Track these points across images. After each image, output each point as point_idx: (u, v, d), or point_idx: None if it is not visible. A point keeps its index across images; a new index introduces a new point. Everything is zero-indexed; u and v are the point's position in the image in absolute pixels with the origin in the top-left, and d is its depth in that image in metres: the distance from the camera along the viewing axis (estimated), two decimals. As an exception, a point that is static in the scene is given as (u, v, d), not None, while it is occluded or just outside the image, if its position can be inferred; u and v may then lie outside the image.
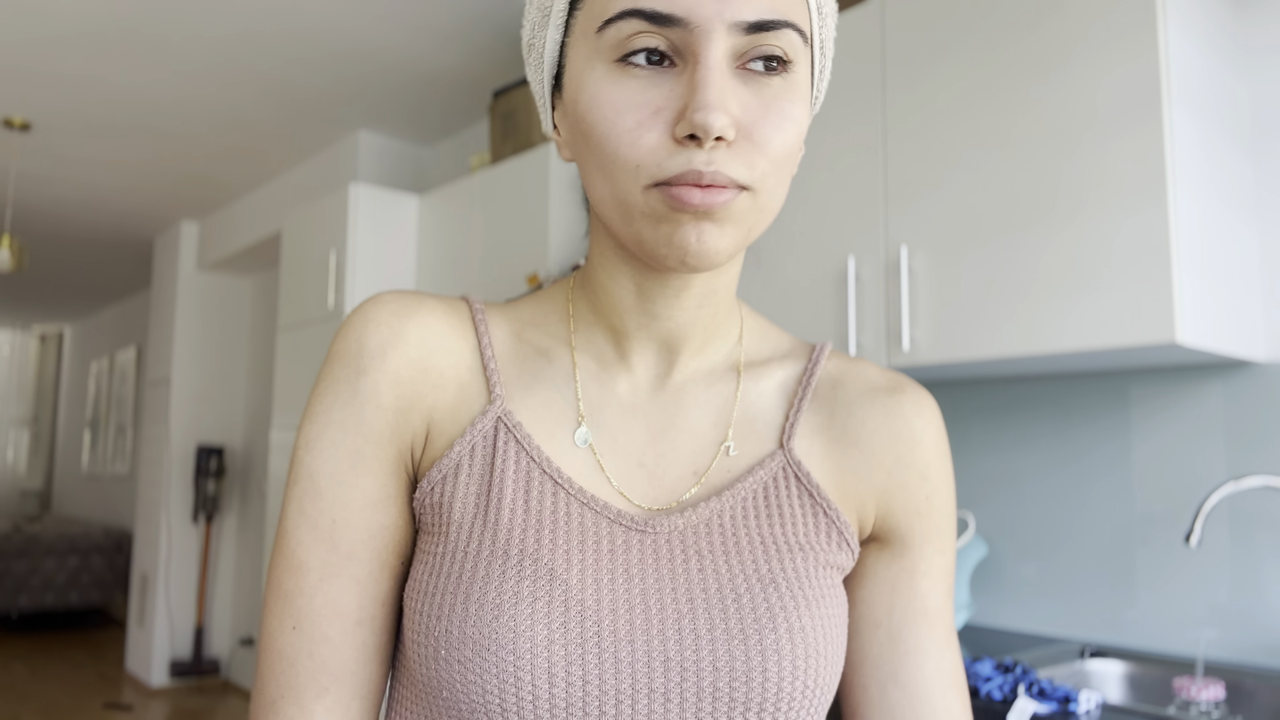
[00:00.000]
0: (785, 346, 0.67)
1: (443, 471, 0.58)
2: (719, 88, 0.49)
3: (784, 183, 0.54)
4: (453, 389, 0.60)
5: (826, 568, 0.59)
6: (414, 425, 0.59)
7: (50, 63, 3.38)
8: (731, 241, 0.52)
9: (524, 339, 0.63)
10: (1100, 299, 1.59)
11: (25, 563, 6.82)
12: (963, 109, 1.82)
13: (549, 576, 0.54)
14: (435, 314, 0.61)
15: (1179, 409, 1.83)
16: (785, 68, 0.52)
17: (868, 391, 0.64)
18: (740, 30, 0.50)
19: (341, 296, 3.40)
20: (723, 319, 0.63)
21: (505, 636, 0.52)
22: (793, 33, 0.52)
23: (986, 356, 1.75)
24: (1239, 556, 1.74)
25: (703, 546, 0.57)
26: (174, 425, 5.43)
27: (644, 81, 0.51)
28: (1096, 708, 1.40)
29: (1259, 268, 1.77)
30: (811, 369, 0.64)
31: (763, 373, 0.64)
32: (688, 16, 0.49)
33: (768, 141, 0.51)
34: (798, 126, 0.52)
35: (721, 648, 0.53)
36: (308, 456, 0.59)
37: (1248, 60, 1.81)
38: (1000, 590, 2.07)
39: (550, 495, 0.57)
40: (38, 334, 10.36)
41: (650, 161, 0.50)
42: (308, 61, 3.38)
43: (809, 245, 2.09)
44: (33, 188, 4.90)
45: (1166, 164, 1.53)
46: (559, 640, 0.53)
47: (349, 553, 0.58)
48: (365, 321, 0.59)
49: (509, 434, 0.58)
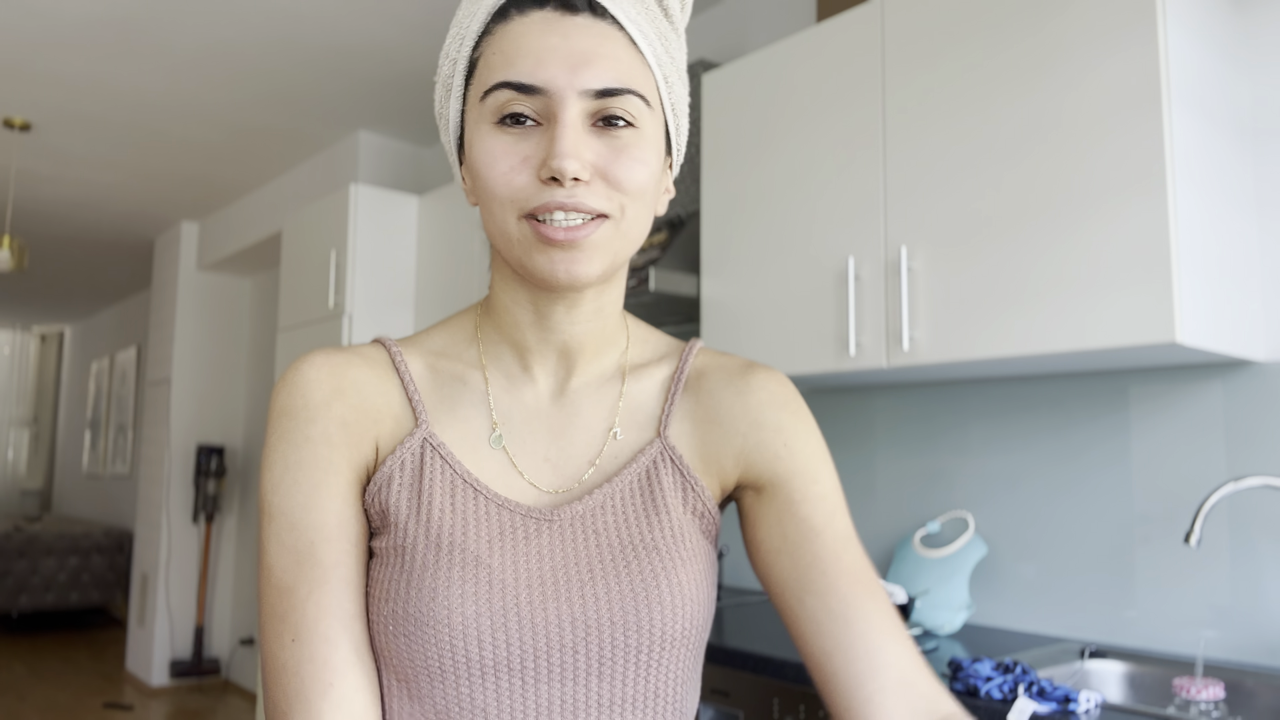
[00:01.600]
0: (664, 349, 0.80)
1: (377, 484, 0.69)
2: (572, 140, 0.63)
3: (644, 214, 0.68)
4: (389, 421, 0.71)
5: (694, 532, 0.72)
6: (365, 452, 0.70)
7: (50, 63, 3.38)
8: (599, 266, 0.66)
9: (438, 369, 0.74)
10: (1100, 299, 1.59)
11: (26, 562, 6.82)
12: (962, 109, 1.82)
13: (475, 563, 0.66)
14: (361, 366, 0.72)
15: (1179, 409, 1.83)
16: (632, 124, 0.66)
17: (724, 377, 0.77)
18: (590, 96, 0.64)
19: (341, 296, 3.40)
20: (612, 330, 0.76)
21: (440, 613, 0.64)
22: (635, 98, 0.65)
23: (986, 356, 1.75)
24: (1239, 556, 1.74)
25: (599, 526, 0.70)
26: (174, 425, 5.43)
27: (516, 137, 0.65)
28: (1096, 708, 1.40)
29: (1259, 268, 1.77)
30: (682, 366, 0.78)
31: (645, 373, 0.77)
32: (547, 86, 0.64)
33: (621, 179, 0.65)
34: (647, 168, 0.66)
35: (617, 605, 0.67)
36: (276, 498, 0.68)
37: (1248, 60, 1.80)
38: (1000, 590, 2.07)
39: (472, 500, 0.69)
40: (38, 334, 10.36)
41: (520, 198, 0.64)
42: (308, 61, 3.38)
43: (809, 245, 2.09)
44: (33, 188, 4.90)
45: (1166, 164, 1.53)
46: (485, 613, 0.65)
47: (333, 563, 0.66)
48: (305, 382, 0.70)
49: (434, 452, 0.70)
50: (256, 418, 5.58)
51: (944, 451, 2.20)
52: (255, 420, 5.59)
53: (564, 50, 0.64)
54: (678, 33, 0.72)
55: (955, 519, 2.15)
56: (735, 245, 2.26)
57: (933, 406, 2.23)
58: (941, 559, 2.04)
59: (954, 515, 2.15)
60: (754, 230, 2.22)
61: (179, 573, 5.40)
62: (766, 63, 2.23)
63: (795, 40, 2.18)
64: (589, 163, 0.64)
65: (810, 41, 2.14)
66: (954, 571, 2.02)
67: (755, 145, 2.23)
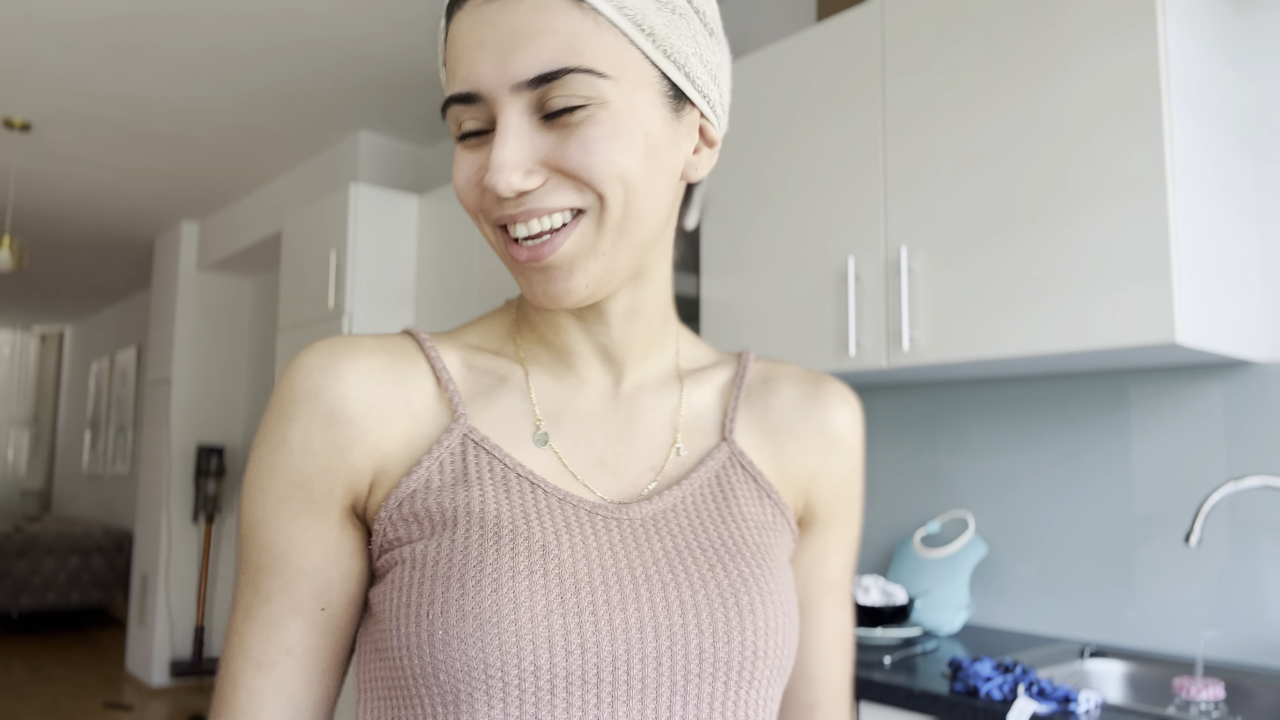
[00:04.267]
0: (714, 356, 0.74)
1: (410, 488, 0.60)
2: (509, 148, 0.55)
3: (637, 200, 0.57)
4: (403, 418, 0.62)
5: (776, 546, 0.66)
6: (353, 463, 0.60)
7: (50, 63, 3.38)
8: (581, 281, 0.58)
9: (474, 364, 0.66)
10: (1100, 299, 1.59)
11: (26, 563, 6.82)
12: (963, 109, 1.82)
13: (542, 551, 0.57)
14: (372, 353, 0.62)
15: (1179, 409, 1.83)
16: (588, 105, 0.55)
17: (795, 386, 0.71)
18: (526, 88, 0.55)
19: (341, 296, 3.40)
20: (658, 332, 0.68)
21: (506, 607, 0.54)
22: (581, 75, 0.54)
23: (986, 356, 1.75)
24: (1239, 556, 1.74)
25: (672, 527, 0.62)
26: (174, 425, 5.43)
27: (474, 151, 0.58)
28: (1096, 708, 1.40)
29: (1259, 268, 1.77)
30: (742, 371, 0.72)
31: (700, 378, 0.70)
32: (477, 90, 0.56)
33: (584, 169, 0.55)
34: (617, 143, 0.55)
35: (704, 611, 0.58)
36: (246, 504, 0.62)
37: (1248, 60, 1.80)
38: (1000, 590, 2.07)
39: (529, 491, 0.61)
40: (38, 334, 10.36)
41: (486, 208, 0.59)
42: (308, 62, 3.38)
43: (809, 245, 2.09)
44: (33, 188, 4.90)
45: (1166, 164, 1.53)
46: (557, 610, 0.55)
47: (265, 596, 0.60)
48: (299, 369, 0.61)
49: (477, 447, 0.62)
50: (256, 418, 5.57)
51: (944, 451, 2.20)
52: (255, 420, 5.59)
53: (492, 41, 0.55)
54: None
55: (955, 519, 2.15)
56: (735, 245, 2.26)
57: (933, 406, 2.23)
58: (941, 559, 2.04)
59: (954, 515, 2.15)
60: (754, 230, 2.22)
61: (179, 573, 5.40)
62: (766, 63, 2.23)
63: (795, 40, 2.18)
64: (539, 162, 0.55)
65: (810, 41, 2.14)
66: (954, 571, 2.02)
67: (755, 145, 2.23)
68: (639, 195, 0.57)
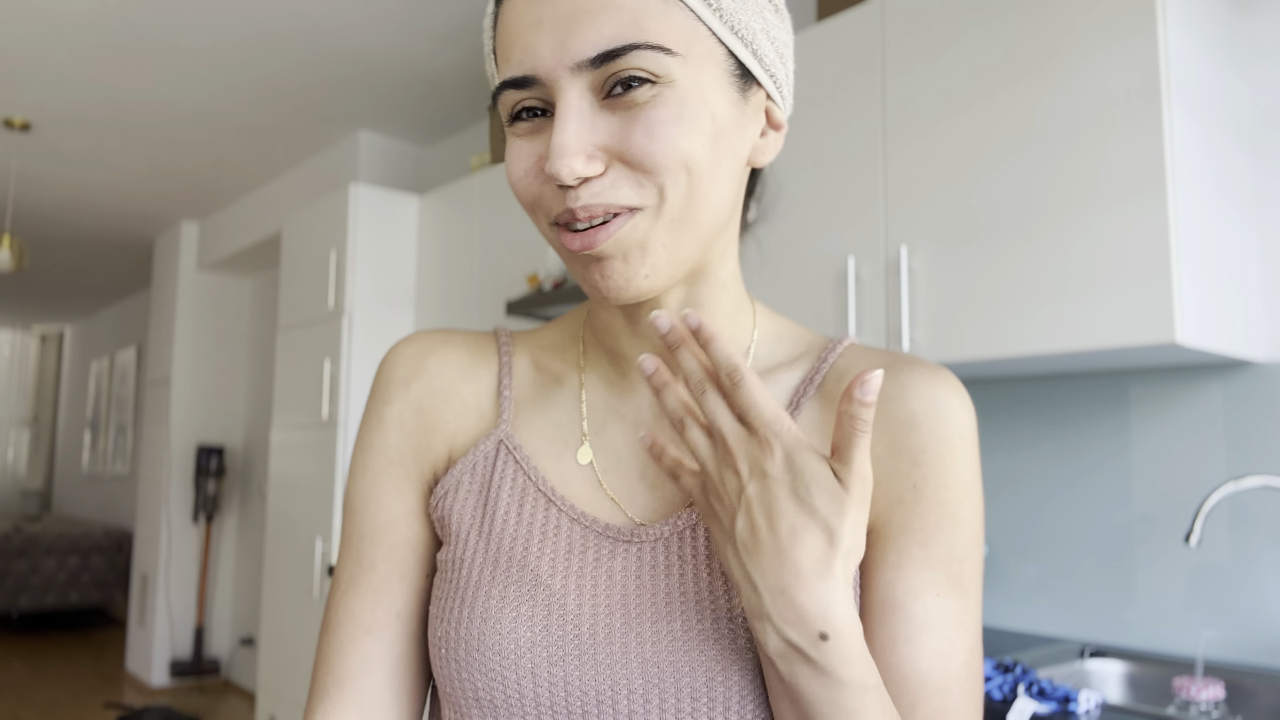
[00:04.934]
0: (802, 347, 0.65)
1: (445, 488, 0.63)
2: (572, 132, 0.51)
3: (701, 187, 0.53)
4: (473, 415, 0.65)
5: None
6: (435, 448, 0.64)
7: (50, 63, 3.38)
8: (647, 268, 0.54)
9: (541, 366, 0.66)
10: (1100, 299, 1.59)
11: (25, 563, 6.82)
12: (962, 109, 1.82)
13: (533, 582, 0.58)
14: (457, 348, 0.66)
15: (1179, 409, 1.83)
16: (655, 82, 0.51)
17: None
18: (588, 67, 0.51)
19: (341, 296, 3.40)
20: (725, 333, 0.62)
21: (492, 638, 0.56)
22: (648, 51, 0.51)
23: (986, 356, 1.75)
24: (1239, 556, 1.74)
25: (686, 552, 0.58)
26: (174, 425, 5.43)
27: (529, 140, 0.55)
28: (1096, 708, 1.39)
29: (1259, 268, 1.77)
30: (818, 367, 0.63)
31: (771, 378, 0.63)
32: (534, 73, 0.52)
33: (647, 156, 0.51)
34: (682, 127, 0.52)
35: (695, 649, 0.55)
36: (350, 479, 0.66)
37: (1248, 60, 1.80)
38: (1000, 590, 2.07)
39: (542, 510, 0.61)
40: (38, 334, 10.36)
41: (544, 204, 0.55)
42: (308, 62, 3.38)
43: (809, 245, 2.09)
44: (33, 188, 4.90)
45: (1166, 164, 1.53)
46: (541, 642, 0.56)
47: (370, 565, 0.63)
48: (395, 357, 0.66)
49: (509, 455, 0.62)
50: (256, 418, 5.57)
51: (944, 451, 2.20)
52: (255, 420, 5.59)
53: (551, 20, 0.52)
54: None
55: (955, 519, 2.15)
56: (735, 245, 2.25)
57: (933, 406, 2.23)
58: (941, 559, 2.04)
59: (954, 515, 2.15)
60: (753, 230, 2.21)
61: (179, 573, 5.40)
62: (766, 63, 2.23)
63: (795, 40, 2.18)
64: (601, 148, 0.52)
65: (810, 41, 2.14)
66: (954, 571, 2.02)
67: (755, 145, 2.23)
68: (703, 182, 0.53)
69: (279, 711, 3.55)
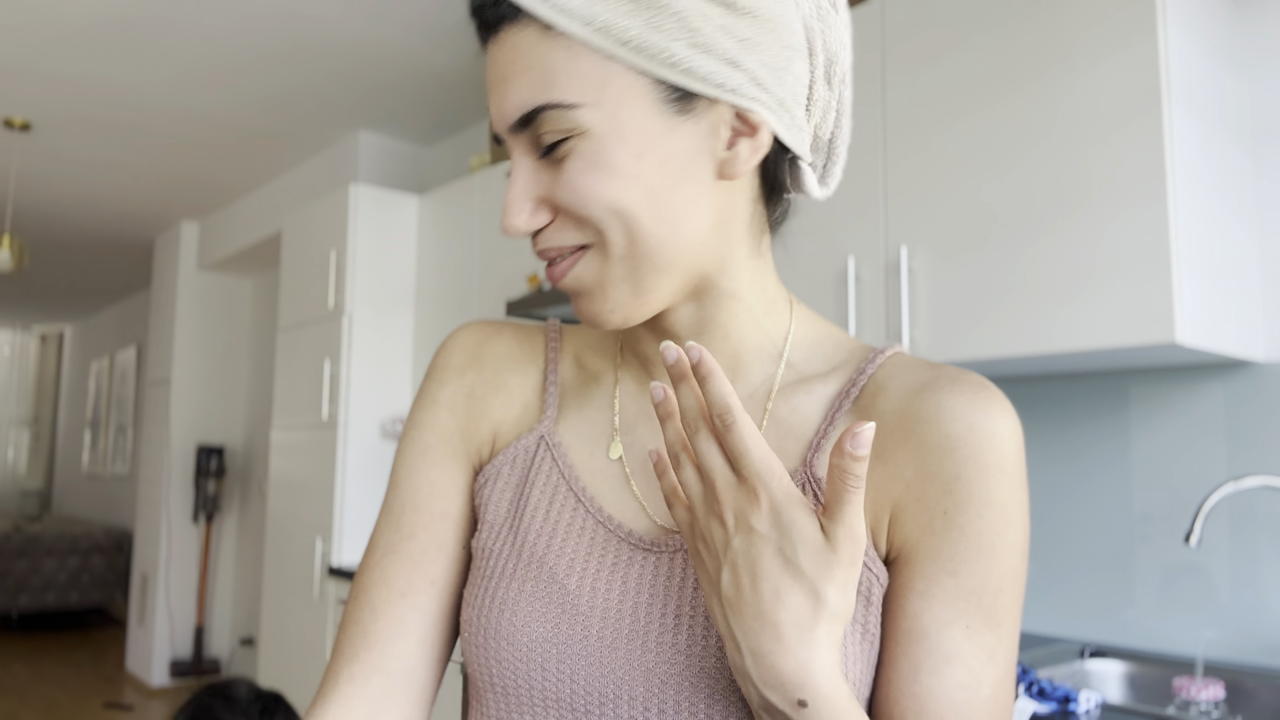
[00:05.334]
0: (842, 355, 0.63)
1: (486, 477, 0.65)
2: (514, 192, 0.55)
3: (643, 224, 0.54)
4: (518, 406, 0.67)
5: None
6: (482, 433, 0.67)
7: (50, 63, 3.38)
8: (611, 304, 0.56)
9: (583, 363, 0.68)
10: (1100, 299, 1.59)
11: (26, 563, 6.82)
12: (963, 109, 1.82)
13: (549, 579, 0.59)
14: (509, 340, 0.69)
15: (1179, 409, 1.83)
16: (570, 137, 0.53)
17: (905, 393, 0.58)
18: (518, 129, 0.54)
19: (341, 296, 3.40)
20: (749, 342, 0.62)
21: (507, 629, 0.58)
22: (552, 112, 0.52)
23: (986, 356, 1.75)
24: (1239, 556, 1.74)
25: None
26: (174, 425, 5.43)
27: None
28: (1096, 708, 1.40)
29: (1259, 268, 1.77)
30: (855, 379, 0.60)
31: (805, 388, 0.61)
32: (498, 133, 0.57)
33: (573, 209, 0.54)
34: (596, 179, 0.53)
35: (697, 665, 0.54)
36: (398, 452, 0.68)
37: (1248, 60, 1.81)
38: (1000, 590, 2.07)
39: (570, 509, 0.62)
40: (38, 334, 10.36)
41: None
42: (308, 61, 3.38)
43: (809, 245, 2.09)
44: (33, 188, 4.90)
45: (1166, 164, 1.53)
46: (551, 639, 0.57)
47: (409, 533, 0.64)
48: (451, 343, 0.69)
49: (547, 451, 0.64)
50: (256, 418, 5.57)
51: (944, 451, 2.20)
52: (255, 420, 5.59)
53: (492, 84, 0.55)
54: None
55: (955, 519, 2.15)
56: (735, 245, 2.25)
57: (933, 406, 2.23)
58: (941, 559, 2.04)
59: (954, 515, 2.15)
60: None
61: (179, 573, 5.40)
62: (766, 63, 2.23)
63: (795, 40, 2.18)
64: (543, 200, 0.55)
65: (810, 42, 2.14)
66: (954, 571, 2.02)
67: (755, 145, 2.23)
68: (643, 219, 0.54)
69: (279, 711, 3.55)
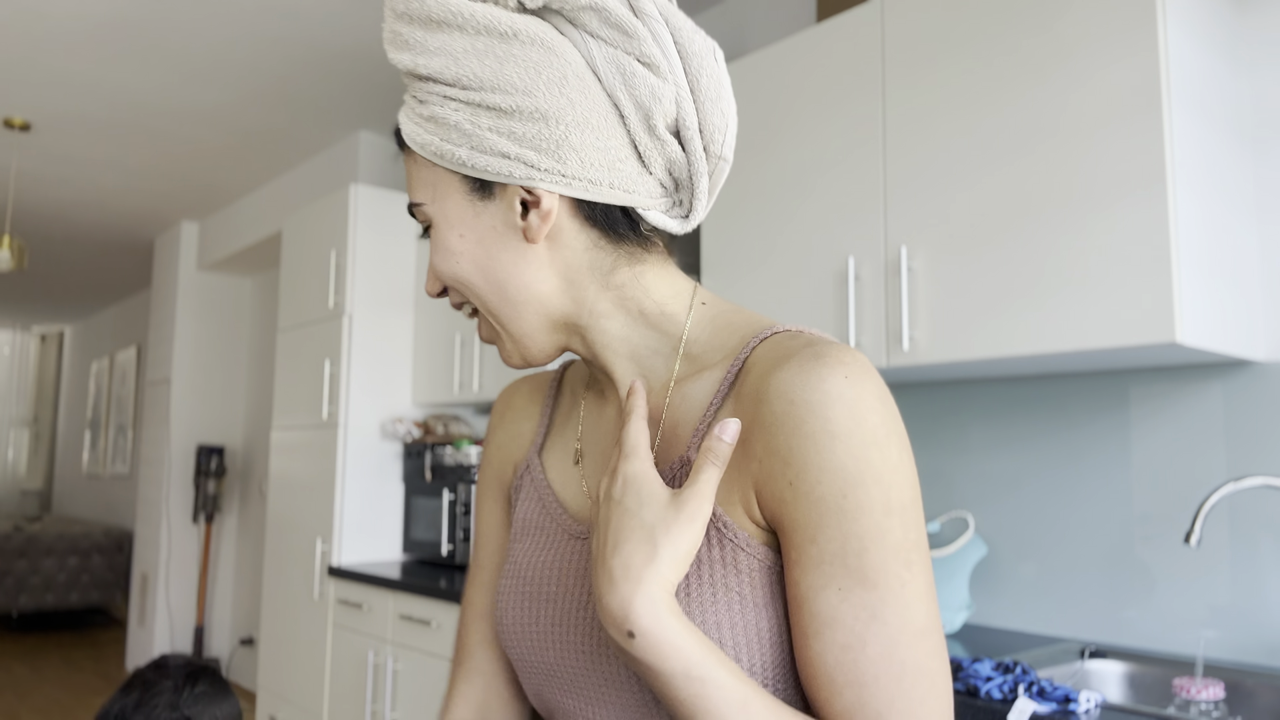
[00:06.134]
0: (733, 343, 0.67)
1: (513, 501, 0.80)
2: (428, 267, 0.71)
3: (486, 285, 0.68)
4: (528, 442, 0.81)
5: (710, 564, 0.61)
6: (507, 473, 0.82)
7: (50, 63, 3.38)
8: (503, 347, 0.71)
9: (574, 392, 0.80)
10: (1100, 299, 1.59)
11: (26, 563, 6.82)
12: (963, 109, 1.82)
13: (521, 574, 0.73)
14: (524, 393, 0.83)
15: (1179, 409, 1.83)
16: (429, 226, 0.69)
17: (760, 376, 0.61)
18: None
19: (341, 296, 3.40)
20: (642, 348, 0.69)
21: (500, 617, 0.73)
22: (413, 208, 0.70)
23: (986, 356, 1.75)
24: (1239, 556, 1.74)
25: None
26: (174, 425, 5.43)
27: None
28: (1096, 708, 1.40)
29: (1259, 267, 1.77)
30: (734, 365, 0.64)
31: (696, 379, 0.66)
32: None
33: (438, 273, 0.69)
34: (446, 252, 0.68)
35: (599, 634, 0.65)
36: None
37: (1248, 60, 1.80)
38: (1000, 590, 2.07)
39: (539, 512, 0.75)
40: (38, 334, 10.36)
41: None
42: (308, 62, 3.38)
43: (809, 245, 2.09)
44: (33, 188, 4.90)
45: (1166, 164, 1.53)
46: (520, 621, 0.71)
47: (481, 564, 0.81)
48: (495, 403, 0.86)
49: (534, 469, 0.77)
50: (256, 418, 5.57)
51: (944, 451, 2.20)
52: (255, 420, 5.59)
53: None
54: (468, 31, 0.64)
55: (955, 519, 2.15)
56: (735, 245, 2.26)
57: (933, 406, 2.23)
58: (941, 559, 2.04)
59: (954, 515, 2.15)
60: (754, 230, 2.21)
61: (179, 573, 5.40)
62: (766, 63, 2.23)
63: (795, 40, 2.18)
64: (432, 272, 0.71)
65: (810, 41, 2.14)
66: (954, 571, 2.02)
67: (755, 145, 2.23)
68: (477, 283, 0.68)
69: (279, 711, 3.55)
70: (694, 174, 0.66)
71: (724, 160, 0.67)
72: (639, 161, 0.65)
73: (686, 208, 0.68)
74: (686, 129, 0.65)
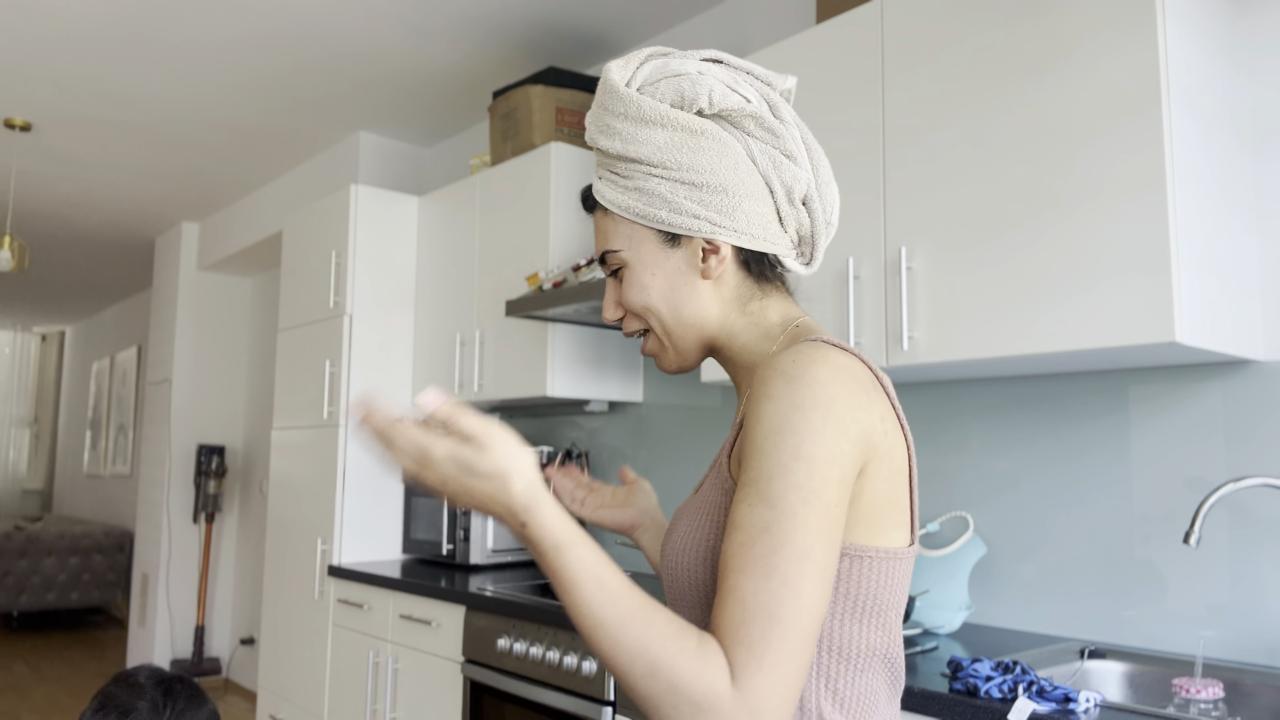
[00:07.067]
0: None
1: None
2: (606, 299, 0.97)
3: (668, 314, 0.91)
4: None
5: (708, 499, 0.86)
6: None
7: (50, 63, 3.39)
8: (668, 359, 0.94)
9: None
10: (1100, 299, 1.59)
11: (26, 562, 6.82)
12: (962, 109, 1.82)
13: None
14: None
15: (1179, 409, 1.83)
16: (621, 266, 0.92)
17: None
18: (601, 262, 0.96)
19: (342, 297, 3.40)
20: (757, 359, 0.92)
21: None
22: (610, 254, 0.92)
23: (986, 356, 1.75)
24: (1238, 556, 1.74)
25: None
26: (175, 425, 5.43)
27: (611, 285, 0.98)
28: (1096, 707, 1.40)
29: (1259, 267, 1.77)
30: None
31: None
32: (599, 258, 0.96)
33: (629, 307, 0.93)
34: (639, 286, 0.91)
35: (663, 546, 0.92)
36: None
37: (1248, 60, 1.80)
38: (999, 590, 2.07)
39: None
40: (39, 334, 10.36)
41: None
42: (308, 62, 3.38)
43: (809, 245, 2.08)
44: (33, 188, 4.90)
45: (1166, 163, 1.53)
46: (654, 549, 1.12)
47: None
48: None
49: None
50: (257, 418, 5.58)
51: (944, 451, 2.20)
52: (255, 420, 5.59)
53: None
54: (654, 124, 0.87)
55: (955, 519, 2.15)
56: (735, 245, 2.25)
57: (933, 406, 2.23)
58: (941, 559, 2.04)
59: (954, 515, 2.15)
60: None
61: (179, 572, 5.40)
62: (766, 63, 2.23)
63: (795, 40, 2.18)
64: (616, 303, 0.94)
65: (810, 41, 2.14)
66: (953, 571, 2.02)
67: (755, 145, 2.23)
68: (667, 310, 0.91)
69: (279, 711, 3.55)
70: (815, 233, 0.92)
71: (832, 226, 0.93)
72: (779, 223, 0.90)
73: (808, 257, 0.94)
74: (812, 202, 0.90)
